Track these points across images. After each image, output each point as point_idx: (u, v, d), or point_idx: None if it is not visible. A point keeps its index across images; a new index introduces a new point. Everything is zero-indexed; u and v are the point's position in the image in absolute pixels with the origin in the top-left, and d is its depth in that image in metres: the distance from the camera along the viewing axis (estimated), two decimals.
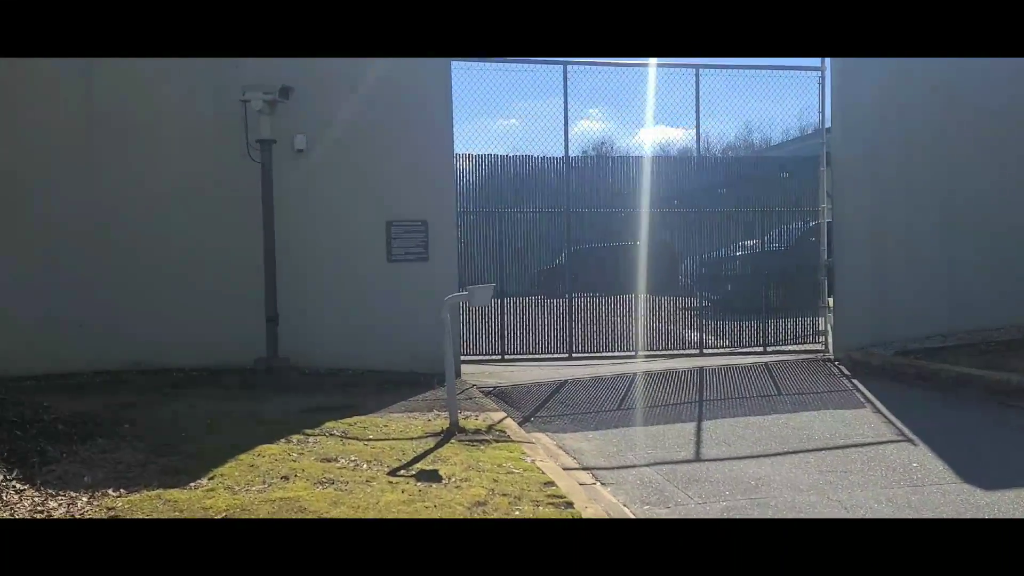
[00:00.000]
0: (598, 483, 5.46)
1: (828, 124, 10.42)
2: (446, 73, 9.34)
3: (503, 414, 7.39)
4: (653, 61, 10.20)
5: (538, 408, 8.13)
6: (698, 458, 6.07)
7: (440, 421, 6.80)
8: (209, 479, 4.90)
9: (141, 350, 8.77)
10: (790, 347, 10.68)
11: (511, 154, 10.29)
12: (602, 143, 10.67)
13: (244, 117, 8.43)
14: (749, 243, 11.26)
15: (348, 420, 6.70)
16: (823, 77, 10.40)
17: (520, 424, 7.22)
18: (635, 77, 11.39)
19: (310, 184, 9.15)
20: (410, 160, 9.29)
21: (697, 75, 10.35)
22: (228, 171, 8.91)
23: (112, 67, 8.65)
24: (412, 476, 5.08)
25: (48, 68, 8.53)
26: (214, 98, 8.80)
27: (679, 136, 10.58)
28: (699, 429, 6.96)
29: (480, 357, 10.26)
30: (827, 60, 10.28)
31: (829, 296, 10.54)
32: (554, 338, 10.44)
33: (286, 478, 4.94)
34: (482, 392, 8.77)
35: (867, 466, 5.64)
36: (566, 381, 9.37)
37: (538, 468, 5.38)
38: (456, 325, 9.39)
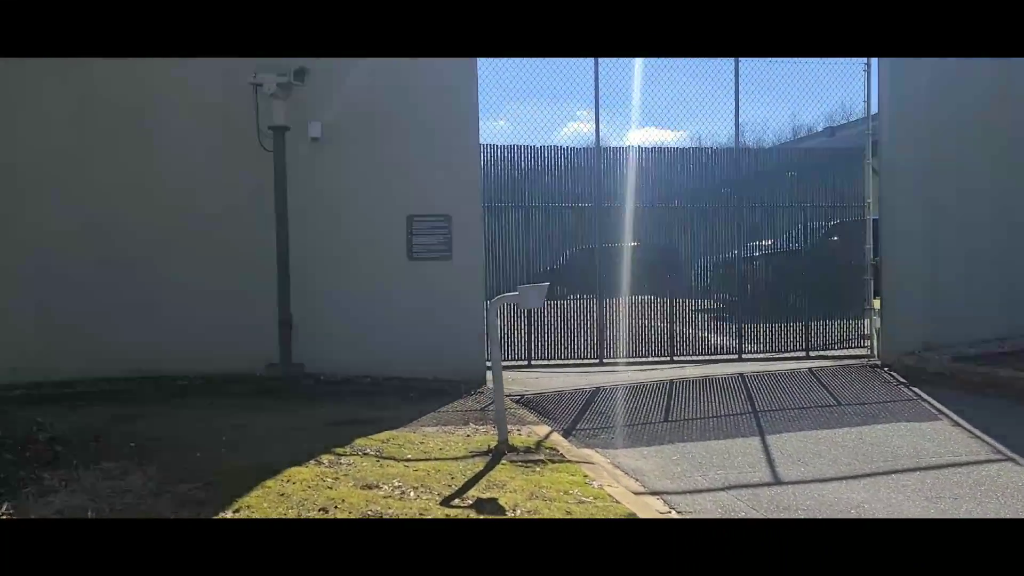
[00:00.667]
0: (673, 511, 4.79)
1: (874, 111, 9.77)
2: (471, 60, 8.63)
3: (547, 428, 6.72)
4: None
5: (577, 419, 7.45)
6: (778, 480, 5.40)
7: (481, 437, 6.12)
8: (234, 512, 4.20)
9: (141, 356, 8.02)
10: (833, 352, 10.05)
11: (540, 144, 9.60)
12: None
13: (256, 102, 7.71)
14: (766, 243, 10.63)
15: (380, 436, 5.99)
16: (869, 64, 9.77)
17: (564, 438, 6.55)
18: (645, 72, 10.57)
19: (324, 175, 8.44)
20: (432, 150, 8.59)
21: (736, 66, 9.70)
22: (235, 161, 8.19)
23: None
24: (470, 507, 4.39)
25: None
26: (222, 80, 8.05)
27: (669, 137, 9.81)
28: (765, 445, 6.31)
29: (505, 363, 9.53)
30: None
31: (875, 297, 9.92)
32: (584, 342, 9.76)
33: (324, 510, 4.24)
34: (513, 401, 8.10)
35: (976, 490, 5.00)
36: (600, 388, 8.70)
37: (610, 495, 4.70)
38: (479, 327, 8.72)
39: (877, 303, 9.93)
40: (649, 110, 10.37)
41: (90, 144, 8.05)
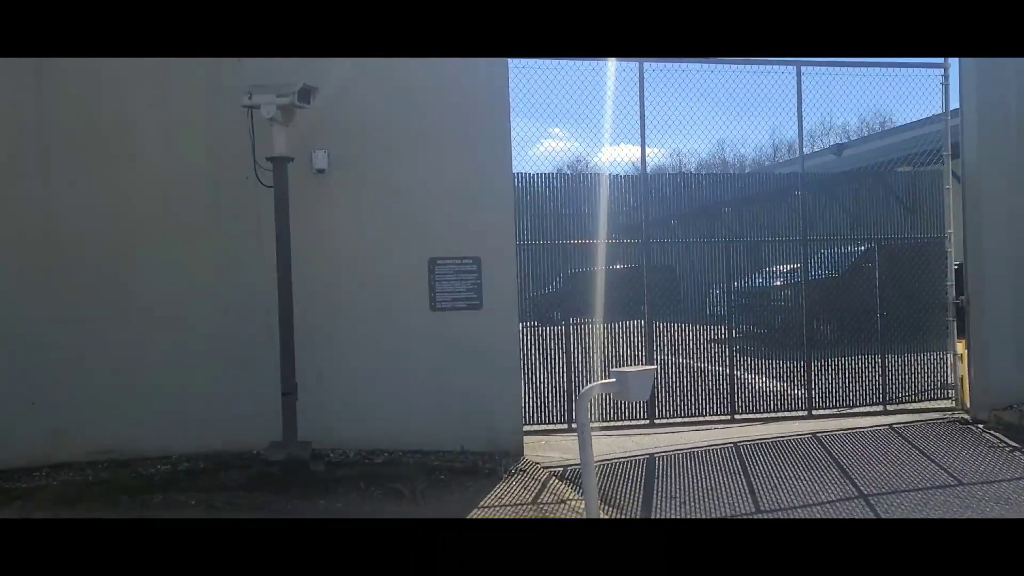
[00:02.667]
0: None
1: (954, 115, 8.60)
2: (503, 74, 7.38)
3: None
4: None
5: (647, 506, 6.14)
6: None
7: None
8: None
9: (112, 435, 6.67)
10: (912, 404, 8.79)
11: (575, 172, 8.35)
12: (577, 161, 8.65)
13: (251, 128, 6.39)
14: (783, 268, 9.36)
15: None
16: (946, 75, 8.62)
17: None
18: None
19: (331, 214, 7.14)
20: (457, 182, 7.31)
21: (799, 73, 8.51)
22: (224, 197, 6.92)
23: (73, 65, 6.60)
24: None
25: None
26: (213, 102, 6.76)
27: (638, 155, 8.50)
28: None
29: (537, 427, 8.18)
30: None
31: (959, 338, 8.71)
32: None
33: None
34: (556, 476, 6.79)
35: None
36: (654, 457, 7.41)
37: None
38: (514, 387, 7.41)
39: (961, 347, 8.71)
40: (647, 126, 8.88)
41: (55, 168, 6.70)
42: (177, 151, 6.88)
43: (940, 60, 8.62)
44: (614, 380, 3.80)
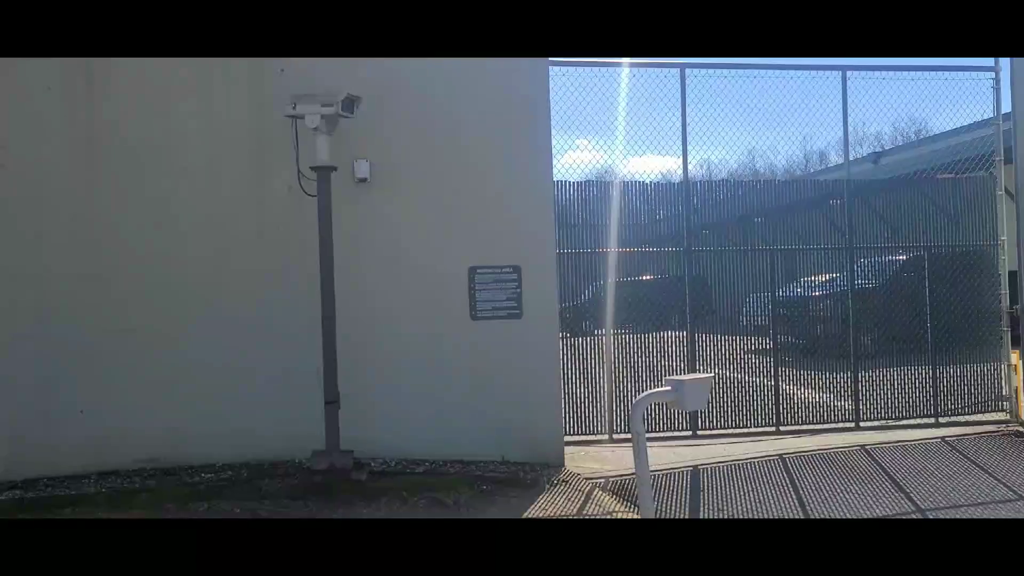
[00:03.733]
0: None
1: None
2: (543, 79, 7.36)
3: None
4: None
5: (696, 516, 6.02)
6: None
7: None
8: None
9: (158, 443, 6.73)
10: (966, 417, 8.54)
11: (618, 179, 8.27)
12: (605, 171, 8.51)
13: (295, 137, 6.43)
14: (823, 278, 9.14)
15: None
16: (997, 77, 8.40)
17: None
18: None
19: (373, 223, 7.14)
20: (497, 190, 7.28)
21: (844, 77, 8.36)
22: (267, 206, 6.96)
23: (118, 76, 6.73)
24: None
25: (33, 75, 6.63)
26: (256, 112, 6.83)
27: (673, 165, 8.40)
28: None
29: (576, 437, 8.08)
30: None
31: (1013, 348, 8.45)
32: (673, 409, 8.32)
33: None
34: (599, 487, 6.68)
35: None
36: (699, 469, 7.27)
37: None
38: (555, 397, 7.33)
39: (1015, 357, 8.45)
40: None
41: (100, 180, 6.82)
42: (221, 161, 6.96)
43: (990, 62, 8.42)
44: (669, 388, 3.70)
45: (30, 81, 6.68)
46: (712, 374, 4.25)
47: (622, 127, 8.23)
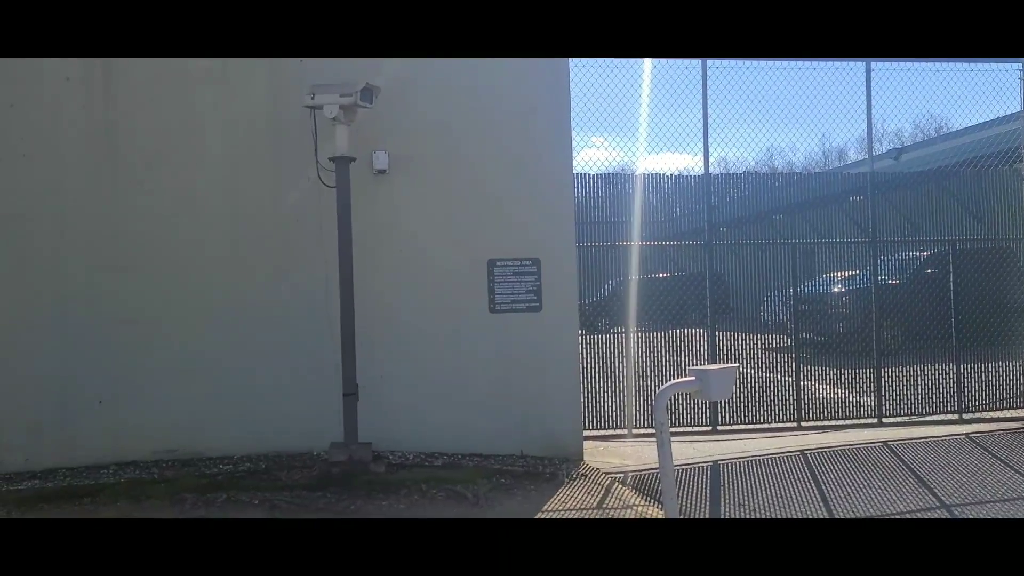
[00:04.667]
0: None
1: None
2: (563, 72, 7.28)
3: None
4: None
5: (715, 515, 5.93)
6: None
7: None
8: None
9: (176, 434, 6.71)
10: (991, 414, 8.40)
11: (639, 172, 8.20)
12: (622, 168, 8.41)
13: (313, 128, 6.40)
14: (844, 274, 9.03)
15: None
16: None
17: None
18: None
19: (391, 214, 7.09)
20: (517, 181, 7.21)
21: (868, 68, 8.24)
22: (285, 197, 6.91)
23: (136, 66, 6.72)
24: None
25: (52, 65, 6.63)
26: (275, 103, 6.80)
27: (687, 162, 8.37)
28: None
29: (594, 432, 8.02)
30: None
31: None
32: (693, 404, 8.24)
33: None
34: (619, 482, 6.61)
35: None
36: (719, 464, 7.18)
37: None
38: (575, 391, 7.26)
39: None
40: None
41: (117, 171, 6.81)
42: (239, 152, 6.93)
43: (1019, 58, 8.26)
44: (693, 378, 3.64)
45: (49, 71, 6.67)
46: (737, 364, 4.18)
47: (644, 121, 8.17)
